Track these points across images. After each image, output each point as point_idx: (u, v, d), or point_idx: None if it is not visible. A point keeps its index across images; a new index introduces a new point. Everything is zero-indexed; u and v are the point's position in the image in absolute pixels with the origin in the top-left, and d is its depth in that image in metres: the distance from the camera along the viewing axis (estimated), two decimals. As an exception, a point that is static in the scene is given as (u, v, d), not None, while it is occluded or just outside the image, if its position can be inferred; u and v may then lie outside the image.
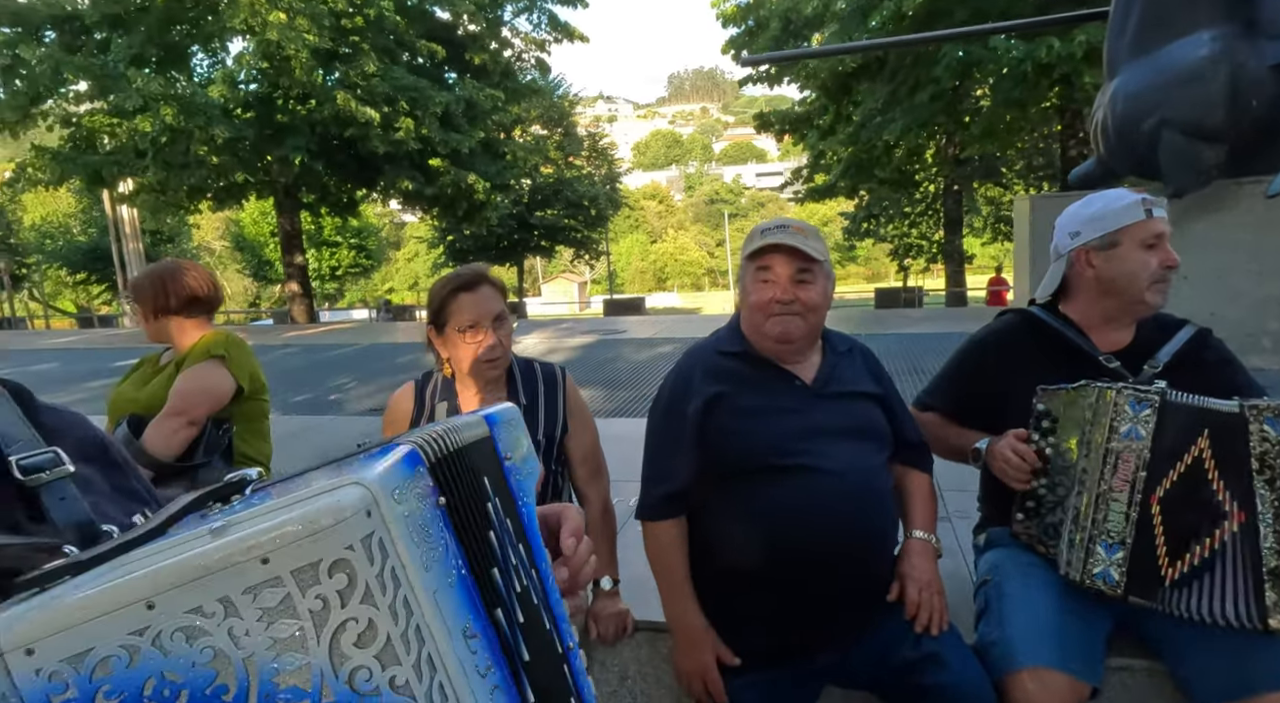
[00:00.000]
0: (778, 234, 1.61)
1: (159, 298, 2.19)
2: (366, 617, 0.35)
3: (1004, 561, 1.72)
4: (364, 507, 0.35)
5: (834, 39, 14.35)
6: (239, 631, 0.33)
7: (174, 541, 0.36)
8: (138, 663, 0.33)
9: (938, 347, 8.22)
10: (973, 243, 28.76)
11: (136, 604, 0.32)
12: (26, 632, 0.32)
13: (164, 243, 27.03)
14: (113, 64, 13.33)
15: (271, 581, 0.34)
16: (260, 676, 0.34)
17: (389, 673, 0.35)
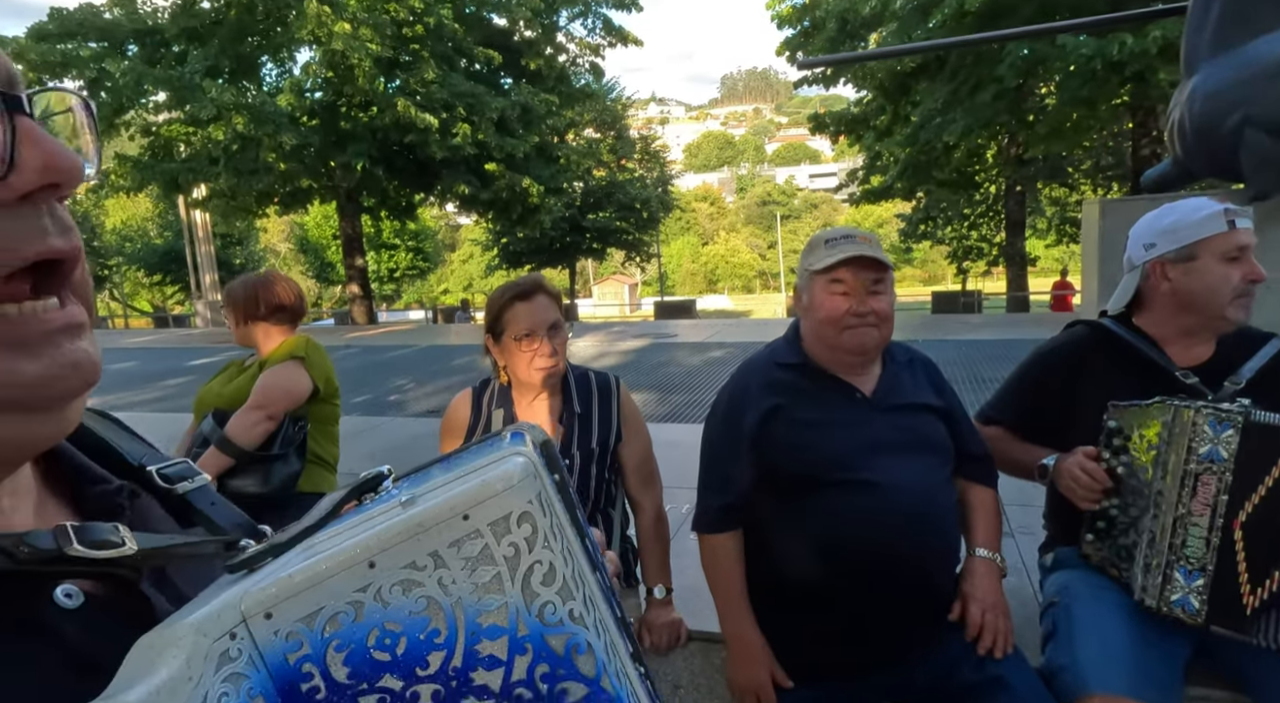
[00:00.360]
0: (847, 245, 1.59)
1: (250, 305, 2.36)
2: (547, 560, 0.39)
3: (1073, 582, 1.66)
4: (531, 469, 0.41)
5: (893, 39, 14.07)
6: (447, 580, 0.38)
7: (364, 516, 0.41)
8: (362, 617, 0.37)
9: (998, 354, 7.98)
10: (1036, 245, 27.84)
11: (360, 565, 0.37)
12: (265, 600, 0.36)
13: (233, 245, 28.20)
14: (189, 75, 13.98)
15: (472, 533, 0.38)
16: (466, 617, 0.38)
17: (567, 606, 0.40)
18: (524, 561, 0.39)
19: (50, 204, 0.38)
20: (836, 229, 1.67)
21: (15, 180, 0.35)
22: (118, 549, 0.38)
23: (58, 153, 0.36)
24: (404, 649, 0.37)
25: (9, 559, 0.36)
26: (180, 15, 14.59)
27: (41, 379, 0.37)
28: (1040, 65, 12.62)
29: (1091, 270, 4.89)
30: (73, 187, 0.37)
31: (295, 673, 0.36)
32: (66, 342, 0.38)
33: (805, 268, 1.67)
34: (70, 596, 0.39)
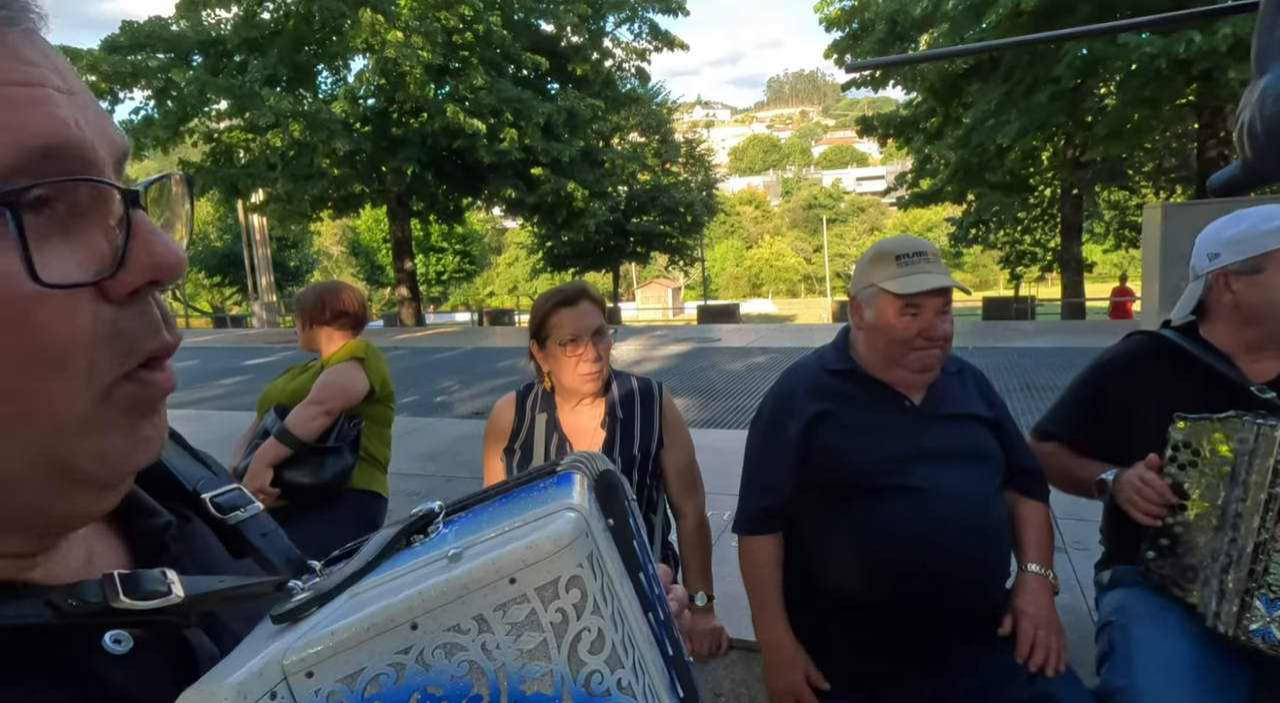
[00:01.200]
0: (920, 264, 1.56)
1: (316, 310, 2.49)
2: (596, 626, 0.38)
3: (1131, 601, 1.60)
4: (583, 529, 0.39)
5: (944, 40, 13.81)
6: (491, 644, 0.37)
7: (408, 566, 0.40)
8: (404, 679, 0.36)
9: (1052, 362, 7.75)
10: (1093, 250, 26.94)
11: (402, 626, 0.36)
12: (307, 658, 0.35)
13: (289, 248, 29.07)
14: (249, 84, 14.49)
15: (518, 598, 0.37)
16: (510, 684, 0.37)
17: (616, 676, 0.38)
18: (571, 627, 0.37)
19: (154, 293, 0.38)
20: (904, 241, 1.63)
21: (124, 277, 0.36)
22: (164, 598, 0.38)
23: (165, 251, 0.37)
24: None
25: (56, 613, 0.36)
26: (242, 26, 15.14)
27: (123, 454, 0.38)
28: (1100, 65, 12.23)
29: (1152, 277, 4.73)
30: (173, 282, 0.38)
31: None
32: (147, 418, 0.39)
33: (872, 282, 1.62)
34: (119, 642, 0.39)
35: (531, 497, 0.44)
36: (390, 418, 2.63)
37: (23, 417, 0.34)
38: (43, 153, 0.33)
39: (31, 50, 0.35)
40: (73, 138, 0.35)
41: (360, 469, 2.45)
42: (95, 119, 0.37)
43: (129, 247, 0.36)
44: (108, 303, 0.36)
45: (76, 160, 0.35)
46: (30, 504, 0.36)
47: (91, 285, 0.35)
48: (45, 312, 0.33)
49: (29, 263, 0.32)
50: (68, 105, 0.35)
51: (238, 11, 15.23)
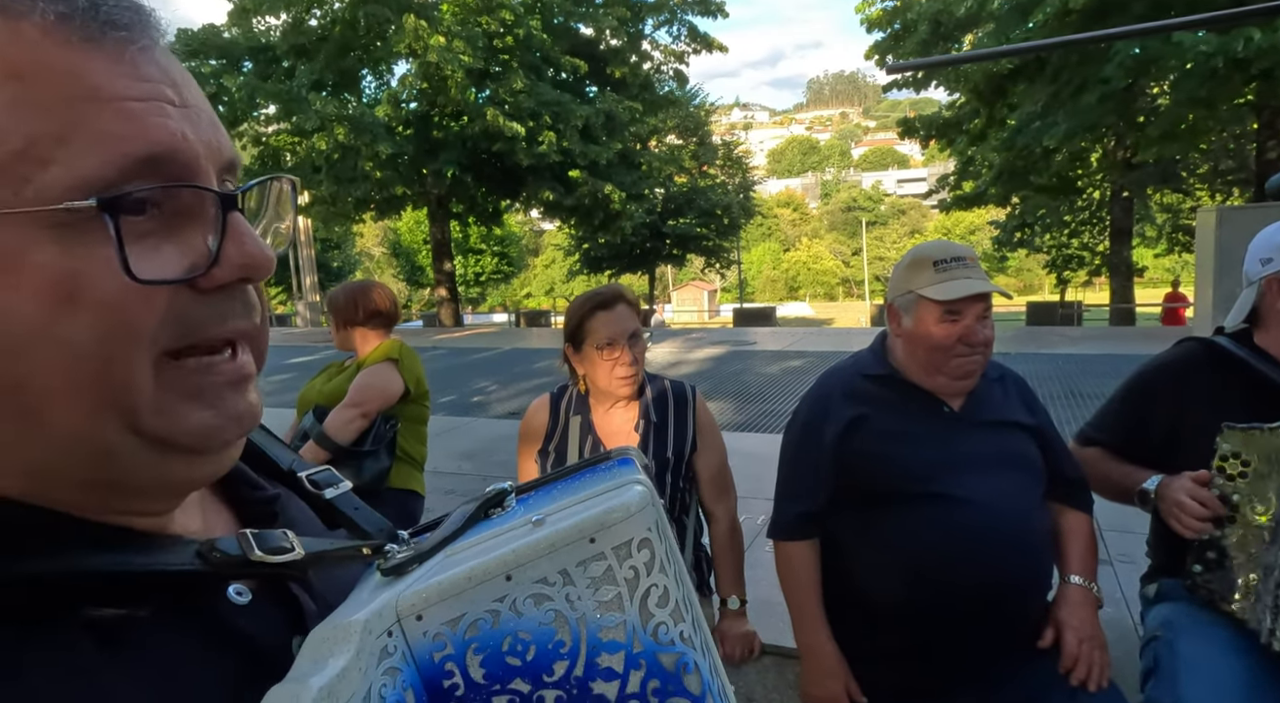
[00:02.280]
0: (959, 269, 1.55)
1: (349, 311, 2.52)
2: (662, 584, 0.43)
3: (1178, 616, 1.56)
4: (649, 500, 0.44)
5: (989, 41, 13.53)
6: (574, 596, 0.42)
7: (496, 531, 0.45)
8: (499, 624, 0.41)
9: (1099, 369, 7.54)
10: (1144, 254, 26.15)
11: (499, 577, 0.41)
12: (417, 602, 0.40)
13: (332, 249, 29.70)
14: (297, 89, 14.86)
15: (597, 556, 0.42)
16: (589, 631, 0.42)
17: (679, 628, 0.43)
18: (642, 583, 0.42)
19: (244, 287, 0.42)
20: (941, 247, 1.61)
21: (216, 273, 0.40)
22: (289, 554, 0.43)
23: (255, 252, 0.41)
24: (533, 656, 0.41)
25: (203, 561, 0.41)
26: (290, 33, 15.54)
27: (206, 428, 0.41)
28: (1153, 64, 11.85)
29: (1206, 282, 4.58)
30: (262, 279, 0.43)
31: (440, 671, 0.40)
32: (232, 394, 0.42)
33: (910, 288, 1.60)
34: (241, 594, 0.44)
35: (596, 477, 0.50)
36: (426, 417, 2.66)
37: (112, 393, 0.38)
38: (148, 160, 0.37)
39: (148, 66, 0.39)
40: (177, 147, 0.38)
41: (398, 469, 2.49)
42: (205, 131, 0.41)
43: (223, 246, 0.40)
44: (193, 293, 0.40)
45: (180, 167, 0.39)
46: (143, 472, 0.41)
47: (184, 282, 0.39)
48: (135, 301, 0.37)
49: (124, 261, 0.36)
50: (178, 117, 0.39)
51: (287, 18, 15.63)
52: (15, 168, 0.35)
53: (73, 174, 0.35)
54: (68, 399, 0.37)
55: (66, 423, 0.37)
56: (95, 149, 0.36)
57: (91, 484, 0.40)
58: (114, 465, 0.39)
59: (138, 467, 0.40)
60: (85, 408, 0.37)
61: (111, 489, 0.41)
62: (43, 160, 0.35)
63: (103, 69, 0.37)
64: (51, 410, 0.37)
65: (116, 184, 0.36)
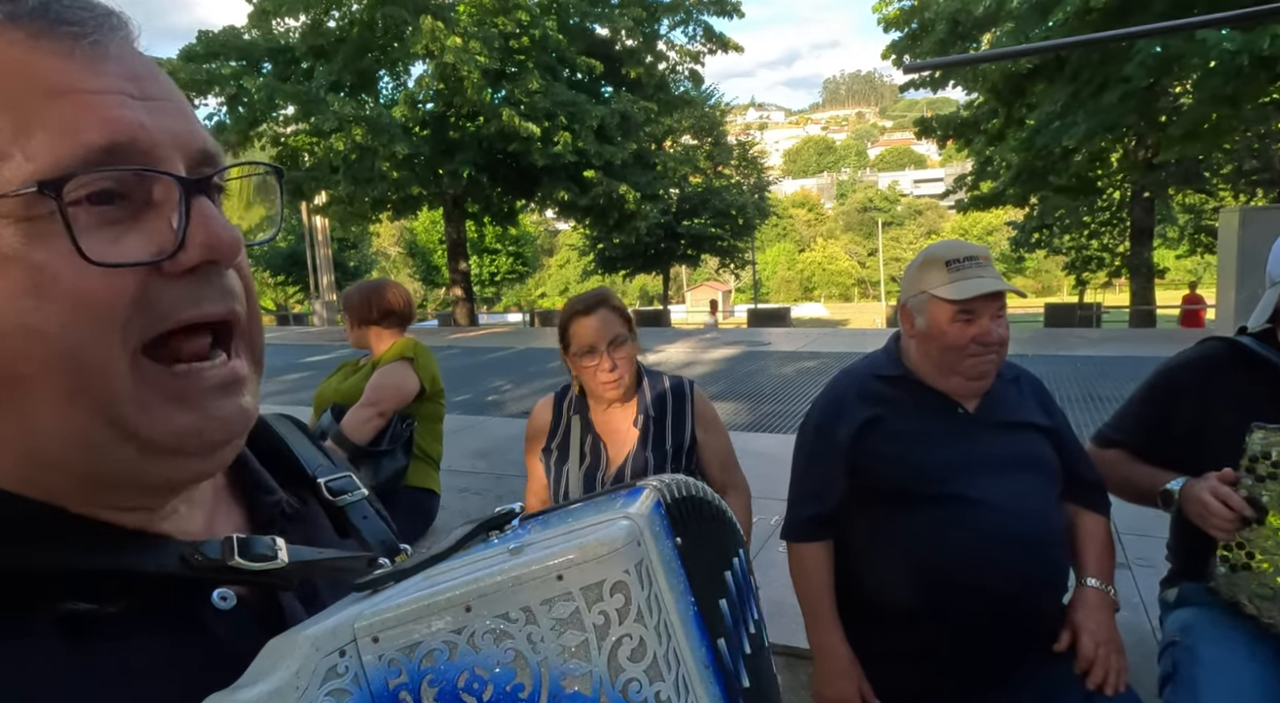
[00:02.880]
0: (972, 269, 1.54)
1: (364, 309, 2.55)
2: (638, 635, 0.39)
3: (1199, 621, 1.54)
4: (634, 537, 0.40)
5: (1008, 40, 13.41)
6: (536, 637, 0.38)
7: (476, 556, 0.43)
8: (455, 658, 0.38)
9: (1117, 372, 7.45)
10: (1165, 255, 25.79)
11: (458, 607, 0.38)
12: (375, 624, 0.38)
13: (349, 249, 29.92)
14: (315, 89, 14.99)
15: (564, 595, 0.38)
16: (550, 677, 0.38)
17: (655, 687, 0.38)
18: (613, 631, 0.38)
19: (216, 271, 0.43)
20: (954, 246, 1.60)
21: (182, 256, 0.40)
22: (270, 562, 0.44)
23: (220, 234, 0.41)
24: (490, 696, 0.38)
25: (185, 565, 0.42)
26: (309, 34, 15.67)
27: (191, 430, 0.42)
28: (1175, 63, 11.70)
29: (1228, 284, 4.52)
30: (230, 262, 0.43)
31: (394, 698, 0.38)
32: (221, 397, 0.43)
33: (922, 289, 1.59)
34: (225, 599, 0.45)
35: (602, 505, 0.46)
36: (441, 414, 2.68)
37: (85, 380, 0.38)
38: (107, 149, 0.38)
39: (102, 61, 0.39)
40: (135, 136, 0.39)
41: (414, 467, 2.51)
42: (170, 121, 0.41)
43: (188, 230, 0.40)
44: (161, 277, 0.40)
45: (140, 155, 0.39)
46: (127, 468, 0.41)
47: (149, 264, 0.40)
48: (100, 287, 0.38)
49: (76, 246, 0.37)
50: (136, 108, 0.40)
51: (306, 20, 15.77)
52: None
53: (32, 167, 0.36)
54: (46, 387, 0.38)
55: (48, 412, 0.38)
56: (54, 141, 0.37)
57: (81, 477, 0.41)
58: (98, 458, 0.40)
59: (122, 462, 0.41)
60: (63, 395, 0.38)
61: (100, 483, 0.42)
62: (2, 155, 0.36)
63: (56, 64, 0.38)
64: (33, 399, 0.38)
65: (75, 174, 0.37)
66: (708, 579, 0.46)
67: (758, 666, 0.51)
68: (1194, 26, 8.87)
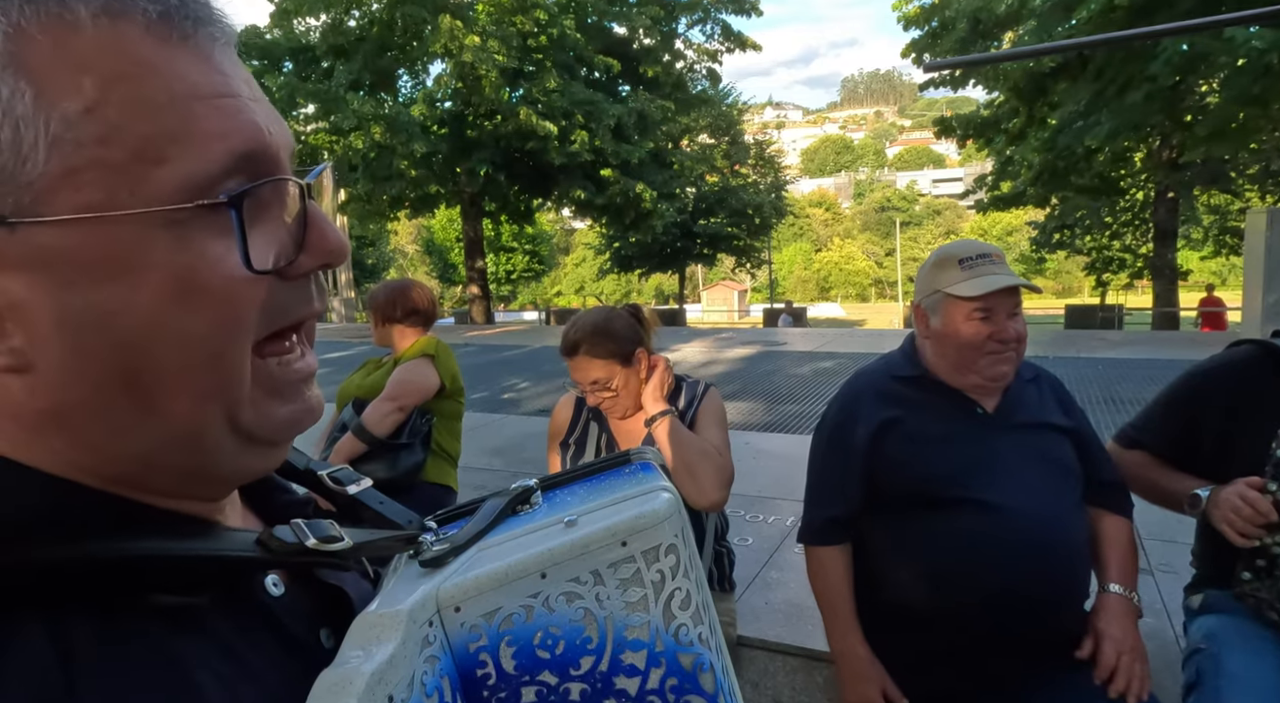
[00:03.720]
0: (985, 266, 1.53)
1: (388, 308, 2.59)
2: (685, 588, 0.45)
3: (1223, 628, 1.51)
4: (677, 506, 0.46)
5: (1031, 38, 13.25)
6: (603, 595, 0.44)
7: (529, 527, 0.47)
8: (532, 619, 0.43)
9: (1139, 374, 7.35)
10: (1189, 257, 25.39)
11: (534, 574, 0.43)
12: (456, 595, 0.42)
13: (367, 246, 30.14)
14: (335, 88, 15.11)
15: (627, 558, 0.44)
16: (615, 629, 0.44)
17: (697, 630, 0.45)
18: (668, 586, 0.44)
19: (319, 272, 0.44)
20: (966, 245, 1.59)
21: (303, 261, 0.41)
22: (339, 543, 0.44)
23: (336, 239, 0.42)
24: (562, 650, 0.43)
25: (263, 548, 0.42)
26: (330, 33, 15.79)
27: (290, 421, 0.43)
28: (1202, 61, 11.50)
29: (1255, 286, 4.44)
30: (340, 264, 0.44)
31: (474, 661, 0.42)
32: (306, 389, 0.45)
33: (936, 288, 1.58)
34: (276, 585, 0.46)
35: (620, 479, 0.52)
36: (460, 413, 2.70)
37: (221, 383, 0.39)
38: (244, 156, 0.38)
39: (229, 64, 0.40)
40: (267, 142, 0.40)
41: (432, 463, 2.53)
42: (276, 122, 0.42)
43: (307, 235, 0.41)
44: (282, 281, 0.41)
45: (268, 161, 0.40)
46: (224, 461, 0.42)
47: (279, 271, 0.40)
48: (242, 292, 0.39)
49: (245, 254, 0.38)
50: (260, 112, 0.40)
51: (326, 19, 15.89)
52: (131, 168, 0.35)
53: (183, 172, 0.36)
54: (180, 390, 0.38)
55: (176, 414, 0.38)
56: (202, 147, 0.37)
57: (174, 472, 0.41)
58: (206, 455, 0.41)
59: (224, 457, 0.41)
60: (196, 399, 0.39)
61: (191, 477, 0.42)
62: (156, 159, 0.36)
63: (197, 67, 0.38)
64: (164, 401, 0.38)
65: (221, 180, 0.37)
66: None
67: None
68: (1222, 24, 8.73)
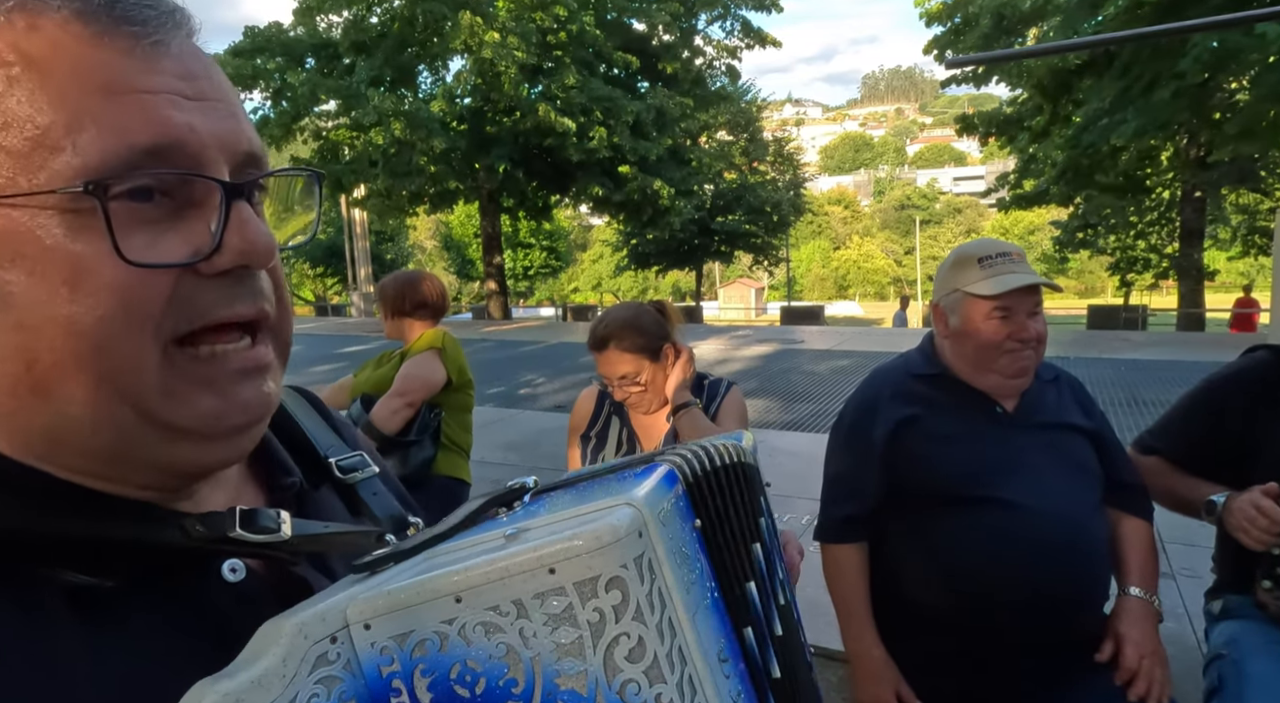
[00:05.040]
0: (1005, 265, 1.52)
1: (398, 301, 2.58)
2: (637, 634, 0.36)
3: (1245, 634, 1.49)
4: (636, 528, 0.37)
5: (1056, 34, 13.07)
6: (528, 632, 0.36)
7: (473, 539, 0.41)
8: (447, 649, 0.37)
9: (1163, 376, 7.25)
10: (1216, 257, 24.97)
11: (448, 597, 0.37)
12: (366, 610, 0.37)
13: (386, 242, 30.39)
14: (356, 84, 15.23)
15: (557, 590, 0.36)
16: (544, 675, 0.36)
17: (655, 690, 0.36)
18: (609, 630, 0.36)
19: (249, 273, 0.43)
20: (986, 244, 1.58)
21: (218, 259, 0.41)
22: (273, 534, 0.44)
23: (256, 239, 0.42)
24: (483, 690, 0.36)
25: (184, 535, 0.42)
26: (351, 29, 15.93)
27: (212, 413, 0.42)
28: (1232, 58, 11.28)
29: (1284, 288, 4.36)
30: (263, 266, 0.44)
31: (386, 687, 0.37)
32: (244, 382, 0.44)
33: (955, 287, 1.57)
34: (235, 571, 0.45)
35: (609, 486, 0.44)
36: (470, 404, 2.70)
37: (113, 372, 0.39)
38: (152, 150, 0.39)
39: (161, 60, 0.40)
40: (183, 138, 0.40)
41: (443, 456, 2.54)
42: (220, 123, 0.42)
43: (225, 233, 0.41)
44: (196, 277, 0.41)
45: (186, 157, 0.40)
46: (152, 451, 0.42)
47: (185, 266, 0.40)
48: (135, 283, 0.39)
49: (115, 245, 0.38)
50: (189, 109, 0.40)
51: (348, 15, 16.02)
52: (30, 155, 0.37)
53: (81, 162, 0.37)
54: (72, 376, 0.39)
55: (72, 398, 0.39)
56: (103, 138, 0.38)
57: (102, 457, 0.42)
58: (120, 441, 0.41)
59: (145, 446, 0.42)
60: (88, 385, 0.39)
61: (123, 464, 0.42)
62: (55, 147, 0.37)
63: (115, 63, 0.39)
64: (59, 385, 0.39)
65: (121, 173, 0.38)
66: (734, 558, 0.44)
67: (789, 646, 0.48)
68: (1253, 19, 8.55)
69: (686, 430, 1.81)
